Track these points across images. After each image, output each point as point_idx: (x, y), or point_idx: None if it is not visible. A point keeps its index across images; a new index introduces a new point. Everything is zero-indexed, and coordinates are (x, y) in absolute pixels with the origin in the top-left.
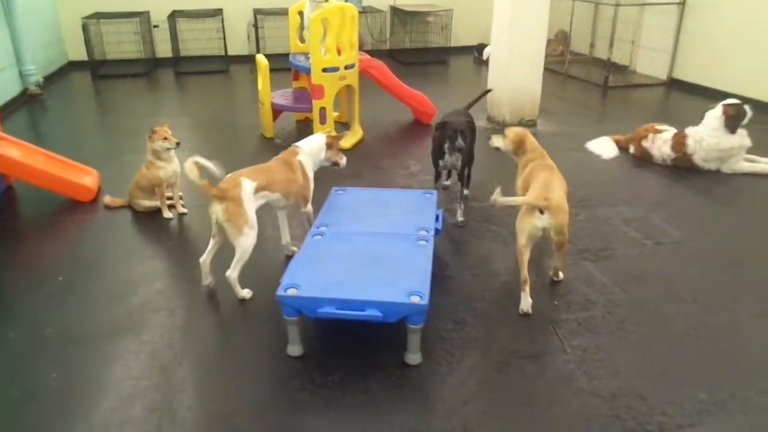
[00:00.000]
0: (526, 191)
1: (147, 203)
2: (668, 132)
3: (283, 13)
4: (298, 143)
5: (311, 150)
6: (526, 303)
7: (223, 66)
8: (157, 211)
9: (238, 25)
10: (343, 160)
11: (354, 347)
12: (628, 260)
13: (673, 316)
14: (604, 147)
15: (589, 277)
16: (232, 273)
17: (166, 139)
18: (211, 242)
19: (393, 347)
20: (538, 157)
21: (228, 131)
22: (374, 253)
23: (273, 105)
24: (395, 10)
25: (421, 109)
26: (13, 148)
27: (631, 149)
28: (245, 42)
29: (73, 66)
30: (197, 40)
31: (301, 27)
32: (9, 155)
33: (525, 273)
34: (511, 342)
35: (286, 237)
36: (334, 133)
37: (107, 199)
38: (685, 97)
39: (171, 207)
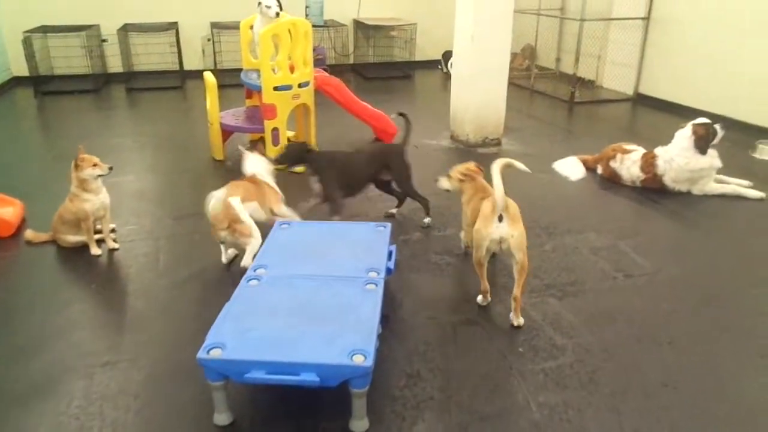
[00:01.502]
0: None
1: (72, 238)
2: (637, 152)
3: (239, 27)
4: (252, 173)
5: (265, 171)
6: (483, 299)
7: (178, 82)
8: (86, 247)
9: (194, 38)
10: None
11: (292, 413)
12: (598, 296)
13: (647, 363)
14: (571, 168)
15: (556, 317)
16: (246, 262)
17: (95, 165)
18: (224, 247)
19: (337, 412)
20: (481, 185)
21: (177, 151)
22: (316, 302)
23: (222, 125)
24: (358, 24)
25: (381, 128)
26: None
27: (599, 170)
28: (201, 56)
29: (17, 82)
30: (150, 54)
31: (254, 42)
32: None
33: (485, 284)
34: (470, 399)
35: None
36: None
37: (29, 233)
38: (652, 112)
39: (100, 242)
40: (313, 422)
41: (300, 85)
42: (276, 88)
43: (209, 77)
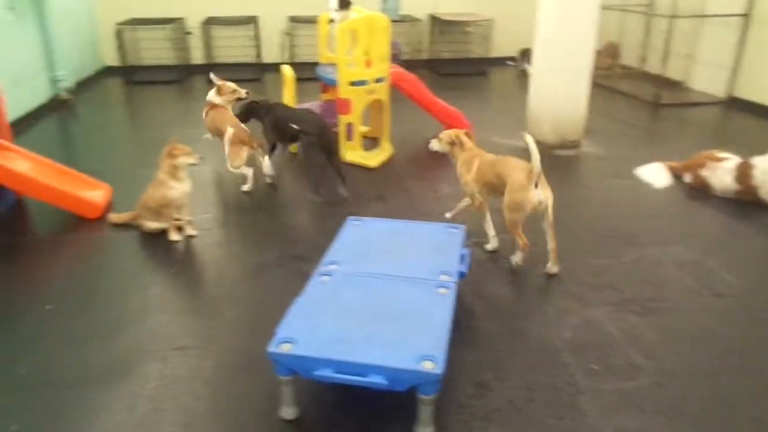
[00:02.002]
0: (484, 184)
1: (153, 225)
2: (731, 161)
3: (317, 21)
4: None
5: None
6: (518, 257)
7: (257, 74)
8: (165, 232)
9: (272, 32)
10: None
11: (357, 414)
12: (682, 315)
13: (736, 394)
14: (656, 174)
15: (634, 333)
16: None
17: (188, 154)
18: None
19: (402, 416)
20: (478, 152)
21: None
22: (386, 302)
23: None
24: (434, 20)
25: (455, 125)
26: (21, 161)
27: (687, 178)
28: (279, 50)
29: (108, 71)
30: (231, 47)
31: (331, 36)
32: (14, 169)
33: (524, 238)
34: (539, 415)
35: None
36: None
37: (113, 216)
38: (748, 118)
39: (179, 229)
40: (378, 425)
41: (376, 81)
42: (352, 83)
43: (287, 71)
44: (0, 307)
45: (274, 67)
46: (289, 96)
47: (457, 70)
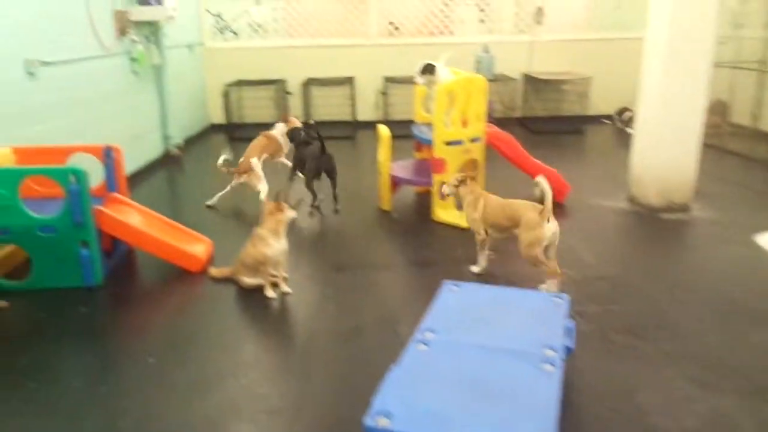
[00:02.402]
0: (491, 224)
1: (250, 281)
2: None
3: (412, 81)
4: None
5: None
6: (548, 285)
7: (351, 131)
8: (261, 288)
9: (368, 91)
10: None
11: None
12: None
13: None
14: None
15: None
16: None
17: (293, 209)
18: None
19: None
20: (481, 193)
21: (346, 200)
22: (487, 377)
23: (392, 177)
24: (528, 78)
25: (552, 186)
26: (134, 214)
27: None
28: (373, 108)
29: (214, 128)
30: (328, 106)
31: (428, 97)
32: (128, 222)
33: (553, 265)
34: None
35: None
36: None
37: (213, 270)
38: None
39: (275, 285)
40: None
41: (471, 140)
42: (447, 143)
43: (384, 130)
44: (109, 356)
45: (368, 125)
46: (384, 154)
47: (552, 128)
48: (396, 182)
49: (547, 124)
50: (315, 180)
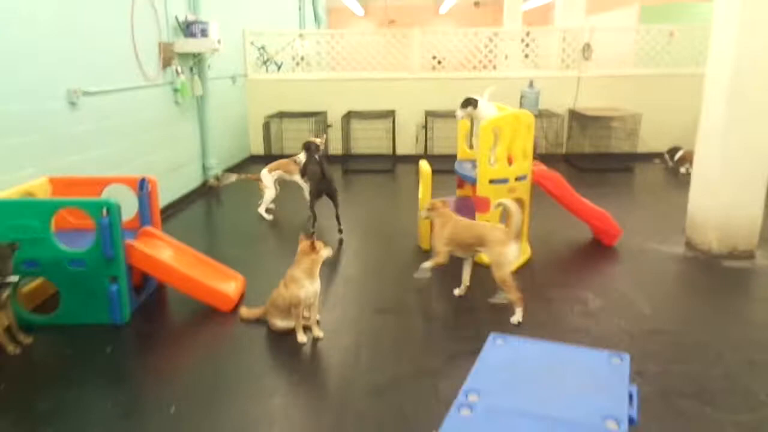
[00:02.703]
0: (458, 244)
1: (282, 324)
2: None
3: (454, 115)
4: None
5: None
6: (518, 316)
7: (390, 165)
8: (293, 332)
9: (408, 125)
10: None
11: None
12: None
13: None
14: None
15: None
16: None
17: (326, 247)
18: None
19: None
20: (451, 216)
21: (384, 238)
22: None
23: None
24: (574, 114)
25: (603, 228)
26: (166, 249)
27: None
28: (413, 142)
29: (253, 159)
30: (368, 139)
31: (471, 133)
32: (159, 257)
33: (517, 294)
34: None
35: None
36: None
37: (243, 311)
38: None
39: (307, 329)
40: None
41: (517, 179)
42: (492, 181)
43: (425, 166)
44: (131, 403)
45: (408, 159)
46: (425, 190)
47: (599, 165)
48: None
49: (594, 161)
50: (316, 200)
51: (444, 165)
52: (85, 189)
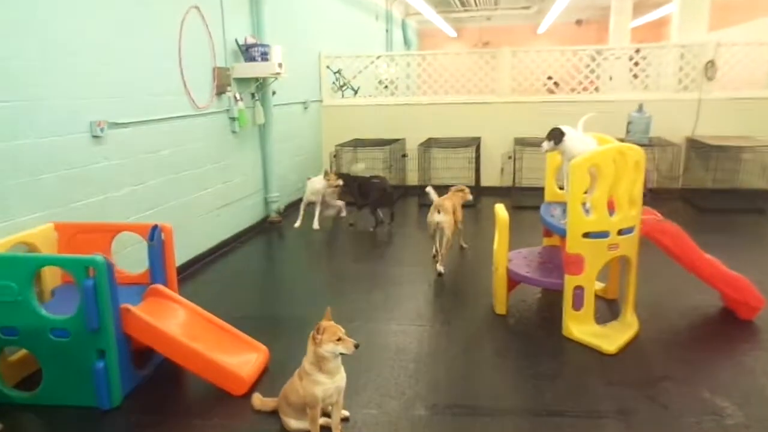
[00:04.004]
0: None
1: (296, 424)
2: None
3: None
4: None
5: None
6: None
7: (474, 199)
8: None
9: (494, 154)
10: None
11: None
12: None
13: None
14: None
15: None
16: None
17: (339, 340)
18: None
19: None
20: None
21: (448, 296)
22: None
23: (510, 272)
24: (693, 143)
25: (739, 299)
26: (176, 315)
27: None
28: (499, 174)
29: None
30: (449, 169)
31: (560, 170)
32: (162, 328)
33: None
34: None
35: None
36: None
37: (257, 400)
38: None
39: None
40: None
41: (620, 232)
42: (586, 235)
43: (501, 212)
44: None
45: (493, 191)
46: (501, 242)
47: (724, 205)
48: (514, 279)
49: (718, 199)
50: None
51: (534, 200)
52: (94, 237)
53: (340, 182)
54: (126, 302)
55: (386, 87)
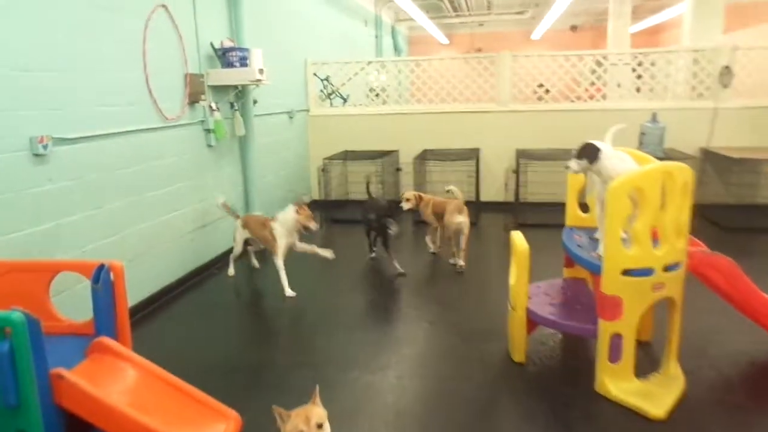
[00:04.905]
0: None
1: None
2: None
3: (551, 157)
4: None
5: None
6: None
7: (473, 215)
8: None
9: (495, 167)
10: (311, 225)
11: None
12: None
13: None
14: None
15: None
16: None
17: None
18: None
19: None
20: (429, 198)
21: (456, 338)
22: None
23: (530, 313)
24: (709, 155)
25: None
26: (123, 376)
27: None
28: (501, 188)
29: (314, 206)
30: (446, 182)
31: (593, 193)
32: (101, 397)
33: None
34: None
35: None
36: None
37: None
38: None
39: None
40: None
41: (667, 268)
42: (627, 273)
43: (519, 242)
44: None
45: (494, 207)
46: (519, 275)
47: (748, 222)
48: (535, 321)
49: (739, 216)
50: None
51: (540, 216)
52: (29, 277)
53: (312, 225)
54: (63, 361)
55: (377, 95)
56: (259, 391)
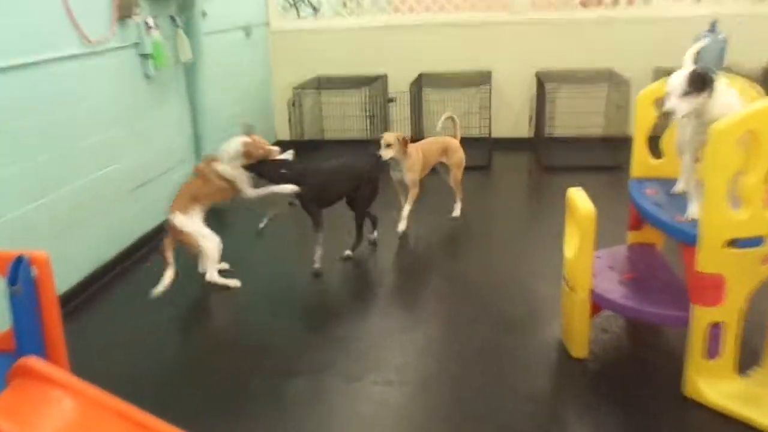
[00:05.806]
0: (425, 164)
1: None
2: None
3: (581, 80)
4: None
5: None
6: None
7: (484, 157)
8: None
9: (510, 94)
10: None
11: None
12: None
13: None
14: None
15: None
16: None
17: None
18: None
19: None
20: (416, 146)
21: (493, 327)
22: None
23: (595, 297)
24: None
25: None
26: (58, 407)
27: None
28: (518, 120)
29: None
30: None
31: (684, 134)
32: None
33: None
34: None
35: None
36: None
37: None
38: None
39: None
40: None
41: None
42: (732, 243)
43: (582, 201)
44: None
45: (510, 145)
46: (584, 248)
47: None
48: (601, 306)
49: None
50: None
51: (571, 157)
52: None
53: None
54: None
55: (358, 3)
56: (236, 404)
